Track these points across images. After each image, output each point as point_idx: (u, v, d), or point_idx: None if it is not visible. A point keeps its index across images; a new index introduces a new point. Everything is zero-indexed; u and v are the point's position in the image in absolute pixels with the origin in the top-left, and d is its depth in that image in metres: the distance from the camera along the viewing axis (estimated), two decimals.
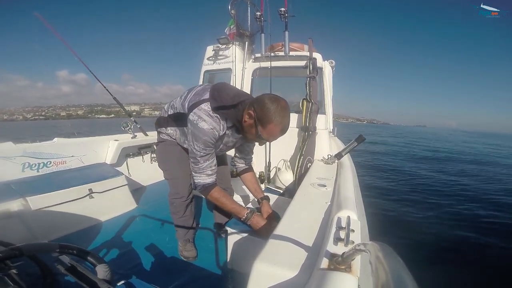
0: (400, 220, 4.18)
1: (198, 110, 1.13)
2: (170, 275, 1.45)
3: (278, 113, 1.04)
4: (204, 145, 1.14)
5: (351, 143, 1.85)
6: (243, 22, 2.61)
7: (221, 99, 1.14)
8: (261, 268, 0.70)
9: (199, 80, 2.95)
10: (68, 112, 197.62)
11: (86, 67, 2.78)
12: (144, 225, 2.01)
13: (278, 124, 1.05)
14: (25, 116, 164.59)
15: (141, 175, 2.88)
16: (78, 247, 0.85)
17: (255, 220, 1.26)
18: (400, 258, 0.37)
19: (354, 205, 0.94)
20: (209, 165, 1.21)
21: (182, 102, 1.27)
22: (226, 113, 1.14)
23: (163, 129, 1.44)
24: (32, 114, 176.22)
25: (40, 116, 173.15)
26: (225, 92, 1.18)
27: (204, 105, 1.13)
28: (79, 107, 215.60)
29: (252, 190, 1.52)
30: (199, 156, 1.17)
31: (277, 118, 1.04)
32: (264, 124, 1.06)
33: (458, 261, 3.00)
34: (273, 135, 1.10)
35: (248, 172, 1.54)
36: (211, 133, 1.12)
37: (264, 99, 1.07)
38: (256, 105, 1.08)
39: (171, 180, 1.50)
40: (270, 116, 1.04)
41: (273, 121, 1.05)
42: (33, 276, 0.95)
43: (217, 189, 1.26)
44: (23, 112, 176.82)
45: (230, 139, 1.28)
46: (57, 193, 1.80)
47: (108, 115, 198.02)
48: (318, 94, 2.43)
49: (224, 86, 1.24)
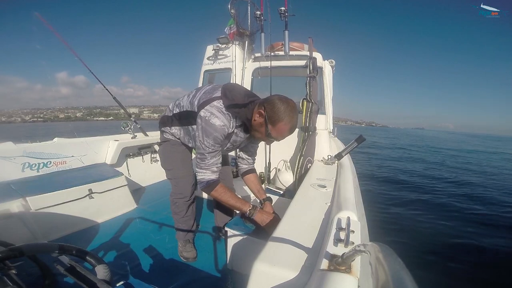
0: (400, 220, 4.18)
1: (210, 107, 1.15)
2: (170, 275, 1.44)
3: (288, 113, 1.09)
4: (214, 141, 1.16)
5: (351, 143, 1.85)
6: (243, 21, 2.61)
7: (233, 98, 1.17)
8: (261, 268, 0.70)
9: (199, 80, 2.95)
10: (67, 114, 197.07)
11: (87, 67, 2.78)
12: (143, 226, 2.01)
13: (287, 123, 1.11)
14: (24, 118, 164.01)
15: (141, 176, 2.88)
16: (78, 248, 0.85)
17: (259, 215, 1.27)
18: (400, 259, 0.37)
19: (354, 206, 0.94)
20: (215, 162, 1.23)
21: (191, 100, 1.28)
22: (237, 111, 1.18)
23: (167, 128, 1.44)
24: (30, 116, 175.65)
25: (38, 118, 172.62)
26: (236, 91, 1.22)
27: (216, 102, 1.16)
28: (78, 110, 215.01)
29: (254, 191, 1.52)
30: (207, 152, 1.19)
31: (287, 117, 1.09)
32: (274, 123, 1.11)
33: (458, 262, 3.00)
34: (282, 134, 1.14)
35: (250, 173, 1.55)
36: (222, 129, 1.15)
37: (275, 99, 1.12)
38: (266, 105, 1.12)
39: (174, 179, 1.50)
40: (280, 115, 1.09)
41: (283, 120, 1.10)
42: (33, 276, 0.95)
43: (221, 185, 1.27)
44: (21, 114, 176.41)
45: (238, 138, 1.31)
46: (57, 193, 1.79)
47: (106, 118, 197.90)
48: (318, 94, 2.43)
49: (235, 86, 1.29)
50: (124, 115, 3.22)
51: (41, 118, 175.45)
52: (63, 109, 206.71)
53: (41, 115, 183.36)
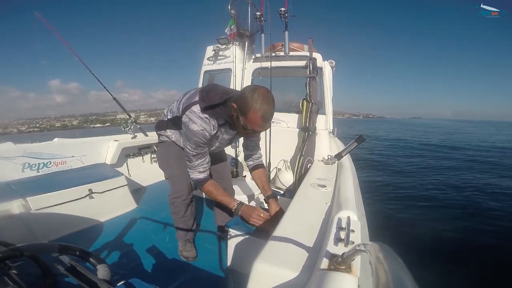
0: (400, 220, 4.18)
1: (189, 112, 1.18)
2: (170, 275, 1.45)
3: (256, 100, 1.03)
4: (195, 145, 1.20)
5: (351, 143, 1.85)
6: (243, 22, 2.61)
7: (209, 99, 1.17)
8: (261, 268, 0.70)
9: (199, 81, 2.95)
10: (63, 122, 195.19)
11: (87, 67, 2.78)
12: (144, 226, 2.01)
13: (257, 111, 1.04)
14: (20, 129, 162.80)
15: (141, 176, 2.88)
16: (78, 247, 0.85)
17: (244, 210, 1.31)
18: (400, 259, 0.37)
19: (354, 206, 0.94)
20: (201, 163, 1.28)
21: (178, 105, 1.33)
22: (215, 111, 1.19)
23: (163, 131, 1.50)
24: (26, 126, 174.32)
25: (34, 128, 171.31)
26: (213, 92, 1.21)
27: (194, 107, 1.18)
28: (74, 117, 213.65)
29: (260, 188, 1.51)
30: (192, 155, 1.25)
31: (256, 105, 1.03)
32: (245, 113, 1.06)
33: (459, 261, 2.99)
34: (255, 123, 1.07)
35: (257, 169, 1.53)
36: (201, 134, 1.18)
37: (244, 90, 1.10)
38: (238, 97, 1.10)
39: (170, 179, 1.52)
40: (248, 104, 1.04)
41: (251, 109, 1.04)
42: (33, 276, 0.95)
43: (209, 183, 1.32)
44: (17, 124, 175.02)
45: (224, 136, 1.32)
46: (57, 193, 1.80)
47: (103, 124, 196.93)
48: (318, 94, 2.43)
49: (213, 86, 1.27)
50: (120, 120, 3.23)
51: (37, 127, 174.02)
52: (59, 118, 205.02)
53: (37, 125, 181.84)
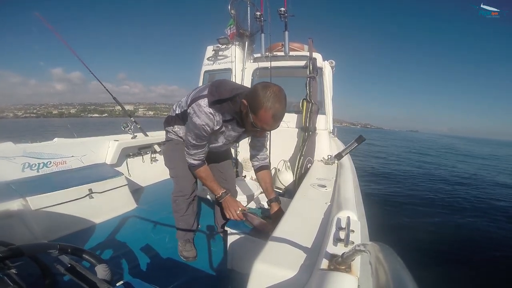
0: (400, 220, 4.18)
1: (195, 105, 1.18)
2: (170, 275, 1.45)
3: (268, 98, 1.01)
4: (196, 136, 1.22)
5: (351, 143, 1.85)
6: (243, 22, 2.61)
7: (218, 94, 1.16)
8: (261, 268, 0.70)
9: (199, 80, 2.95)
10: (60, 110, 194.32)
11: (87, 67, 2.78)
12: (144, 225, 2.01)
13: (268, 109, 1.01)
14: (16, 114, 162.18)
15: (141, 176, 2.87)
16: (78, 247, 0.85)
17: (224, 200, 1.36)
18: (400, 259, 0.37)
19: (354, 206, 0.94)
20: (197, 153, 1.31)
21: (187, 99, 1.33)
22: (222, 106, 1.17)
23: (171, 127, 1.49)
24: (23, 111, 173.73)
25: (31, 114, 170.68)
26: (223, 87, 1.20)
27: (201, 100, 1.17)
28: (72, 106, 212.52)
29: (263, 189, 1.49)
30: (190, 145, 1.28)
31: (267, 103, 1.00)
32: (255, 111, 1.04)
33: (459, 262, 3.00)
34: (266, 122, 1.05)
35: (262, 171, 1.50)
36: (202, 128, 1.18)
37: (257, 86, 1.06)
38: (249, 93, 1.08)
39: (175, 178, 1.54)
40: (260, 102, 1.01)
41: (263, 107, 1.01)
42: (33, 276, 0.95)
43: (202, 169, 1.35)
44: (13, 109, 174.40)
45: (231, 132, 1.31)
46: (57, 193, 1.80)
47: (101, 114, 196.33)
48: (318, 94, 2.43)
49: (223, 81, 1.27)
50: (119, 112, 3.22)
51: (34, 114, 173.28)
52: (57, 105, 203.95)
53: (34, 111, 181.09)
